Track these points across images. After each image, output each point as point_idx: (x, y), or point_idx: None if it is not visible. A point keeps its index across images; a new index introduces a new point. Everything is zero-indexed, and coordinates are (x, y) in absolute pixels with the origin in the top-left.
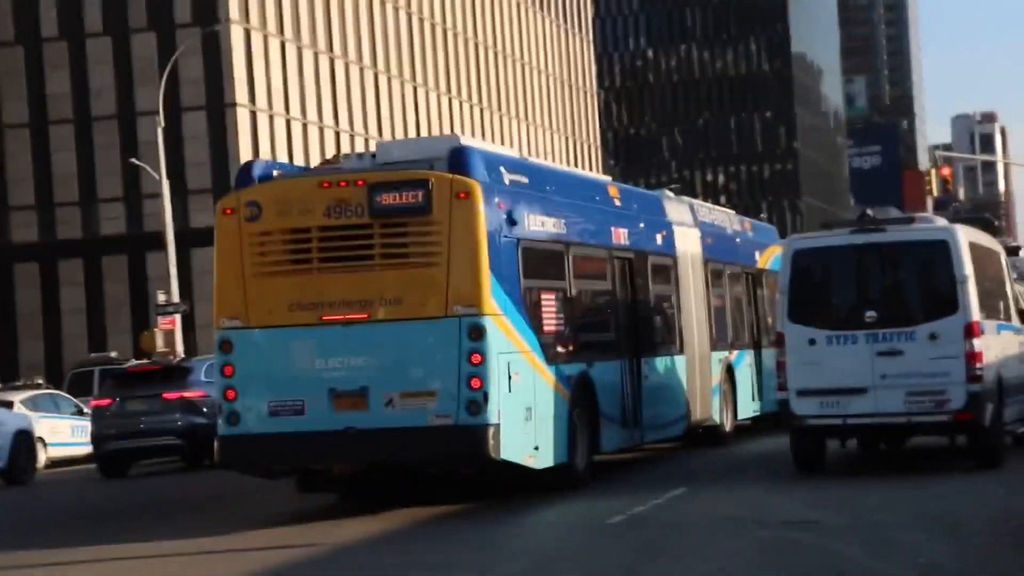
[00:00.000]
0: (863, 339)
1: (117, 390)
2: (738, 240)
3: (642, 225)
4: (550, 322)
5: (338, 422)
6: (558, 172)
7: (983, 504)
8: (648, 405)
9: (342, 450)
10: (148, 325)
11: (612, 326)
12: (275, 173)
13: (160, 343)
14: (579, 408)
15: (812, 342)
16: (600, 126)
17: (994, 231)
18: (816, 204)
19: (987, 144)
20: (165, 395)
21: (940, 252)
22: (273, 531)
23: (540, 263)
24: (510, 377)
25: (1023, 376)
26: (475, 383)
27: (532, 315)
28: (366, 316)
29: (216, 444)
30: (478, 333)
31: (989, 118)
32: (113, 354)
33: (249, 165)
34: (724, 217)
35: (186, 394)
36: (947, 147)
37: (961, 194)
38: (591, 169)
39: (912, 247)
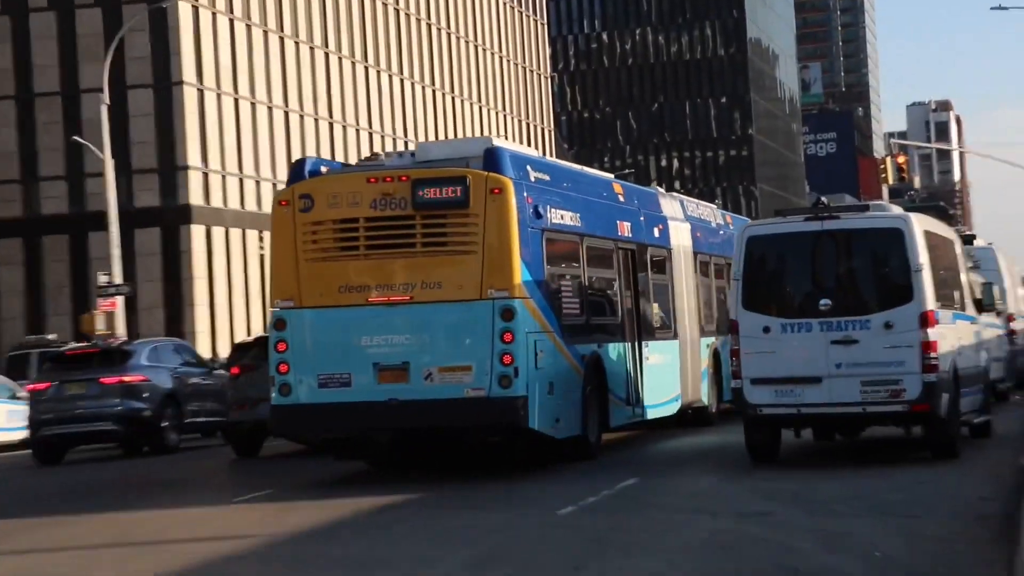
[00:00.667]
0: (817, 327)
1: (54, 374)
2: (721, 233)
3: (642, 219)
4: (568, 305)
5: (382, 393)
6: (572, 170)
7: (939, 496)
8: (648, 385)
9: (385, 418)
10: (89, 307)
11: (618, 311)
12: (323, 169)
13: (101, 325)
14: (591, 385)
15: (766, 330)
16: (554, 109)
17: (949, 219)
18: (771, 190)
19: (942, 132)
20: (103, 379)
21: (895, 240)
22: (216, 517)
23: (560, 252)
24: (536, 354)
25: (979, 366)
26: (506, 359)
27: (553, 299)
28: (408, 298)
29: (270, 413)
30: (510, 314)
31: (944, 106)
32: (52, 336)
33: (301, 162)
34: (709, 212)
35: (126, 378)
36: (902, 135)
37: (916, 182)
38: (545, 152)
39: (867, 235)
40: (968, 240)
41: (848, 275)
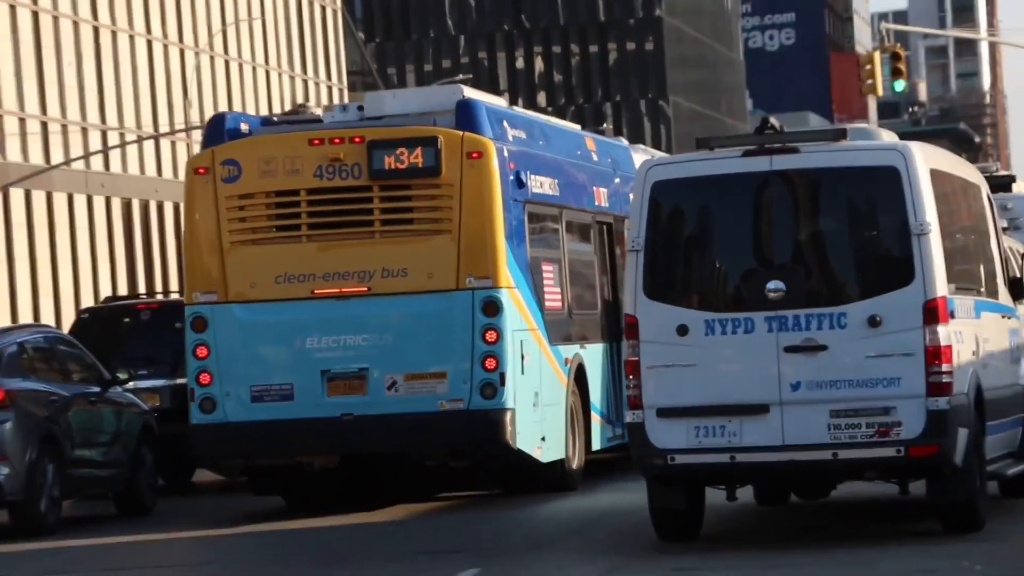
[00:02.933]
0: (763, 326)
1: None
2: None
3: (617, 181)
4: (551, 297)
5: (333, 408)
6: (545, 124)
7: None
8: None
9: (337, 439)
10: None
11: (597, 303)
12: (243, 126)
13: None
14: (574, 396)
15: (682, 331)
16: None
17: (973, 151)
18: (691, 107)
19: (964, 12)
20: None
21: (886, 186)
22: None
23: (541, 229)
24: (523, 357)
25: (1016, 385)
26: (490, 363)
27: (537, 289)
28: (365, 289)
29: (189, 434)
30: (494, 308)
31: None
32: None
33: (220, 118)
34: None
35: None
36: (900, 16)
37: (922, 92)
38: (328, 43)
39: (842, 178)
40: (1003, 185)
41: (811, 242)
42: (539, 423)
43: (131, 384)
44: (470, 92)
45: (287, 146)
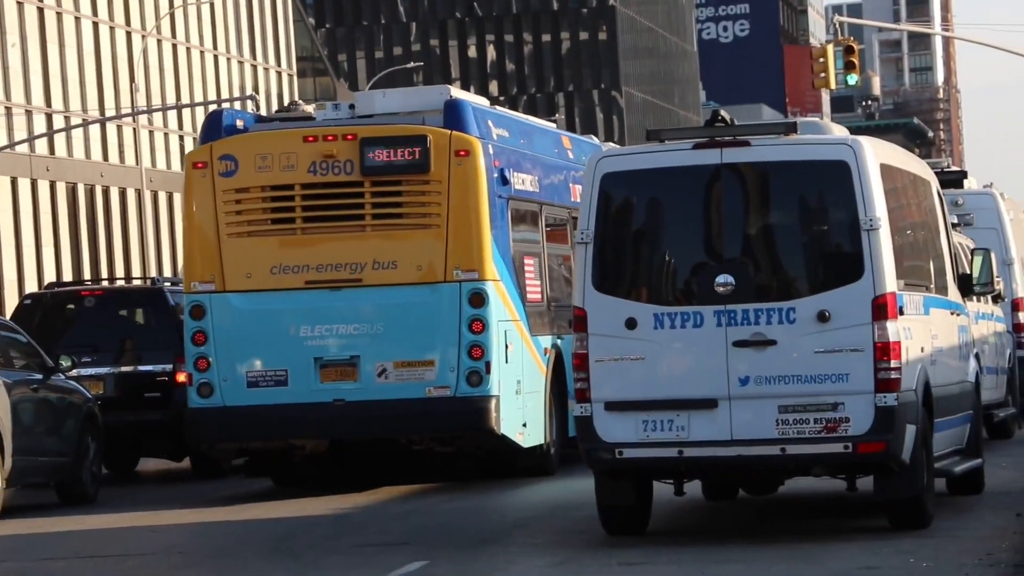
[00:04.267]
0: (712, 320)
1: None
2: None
3: None
4: (532, 289)
5: (325, 393)
6: (525, 123)
7: None
8: None
9: (330, 423)
10: None
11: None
12: (239, 123)
13: None
14: (552, 384)
15: (631, 324)
16: None
17: (926, 147)
18: (643, 98)
19: (918, 6)
20: None
21: (836, 180)
22: None
23: (523, 224)
24: (506, 347)
25: (964, 382)
26: (476, 352)
27: (519, 281)
28: (357, 280)
29: (185, 418)
30: (480, 299)
31: None
32: None
33: (218, 115)
34: None
35: None
36: (855, 9)
37: (876, 86)
38: (279, 31)
39: (792, 171)
40: (954, 181)
41: (761, 236)
42: (521, 410)
43: (74, 372)
44: (457, 92)
45: (282, 142)
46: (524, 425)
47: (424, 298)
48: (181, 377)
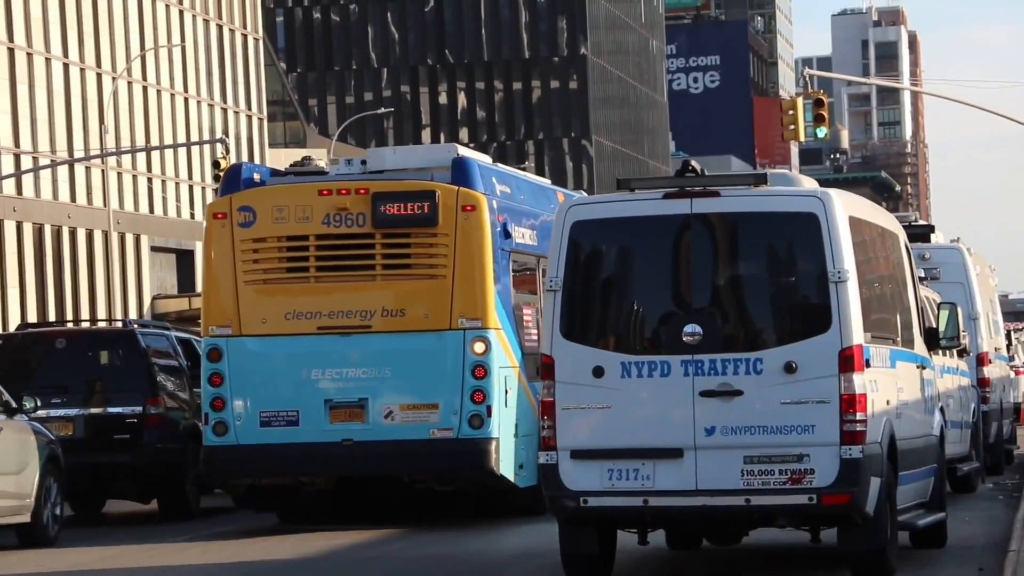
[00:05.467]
0: (679, 370)
1: None
2: None
3: None
4: (529, 338)
5: (335, 433)
6: (523, 180)
7: None
8: None
9: (338, 462)
10: None
11: None
12: (256, 176)
13: None
14: None
15: (598, 372)
16: (264, 6)
17: (893, 200)
18: (614, 147)
19: (887, 61)
20: None
21: (805, 232)
22: None
23: (522, 276)
24: (506, 392)
25: (929, 435)
26: (478, 396)
27: (518, 330)
28: (367, 327)
29: (201, 455)
30: (483, 346)
31: (892, 18)
32: None
33: (238, 168)
34: None
35: None
36: (824, 63)
37: (845, 139)
38: (249, 75)
39: (762, 222)
40: (921, 234)
41: (729, 287)
42: (518, 452)
43: (43, 412)
44: (464, 151)
45: (298, 195)
46: (520, 467)
47: (430, 344)
48: (153, 413)
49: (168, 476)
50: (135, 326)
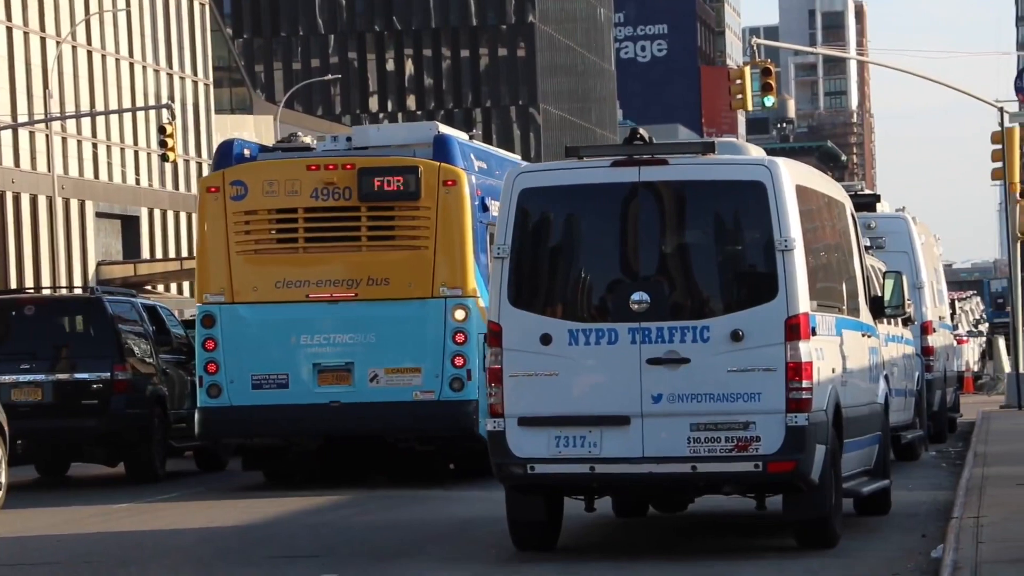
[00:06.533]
0: (627, 337)
1: None
2: None
3: None
4: None
5: (323, 396)
6: (497, 155)
7: None
8: None
9: (326, 422)
10: None
11: None
12: (246, 152)
13: None
14: None
15: (545, 340)
16: None
17: (839, 170)
18: (561, 115)
19: (834, 31)
20: None
21: (752, 201)
22: None
23: None
24: (485, 356)
25: (874, 403)
26: (459, 361)
27: None
28: (353, 295)
29: (196, 416)
30: (463, 314)
31: None
32: None
33: (229, 144)
34: None
35: None
36: (771, 32)
37: (791, 109)
38: (195, 43)
39: (709, 190)
40: (867, 204)
41: (676, 255)
42: None
43: (11, 378)
44: (444, 128)
45: (288, 170)
46: None
47: (413, 312)
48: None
49: (135, 440)
50: (102, 293)
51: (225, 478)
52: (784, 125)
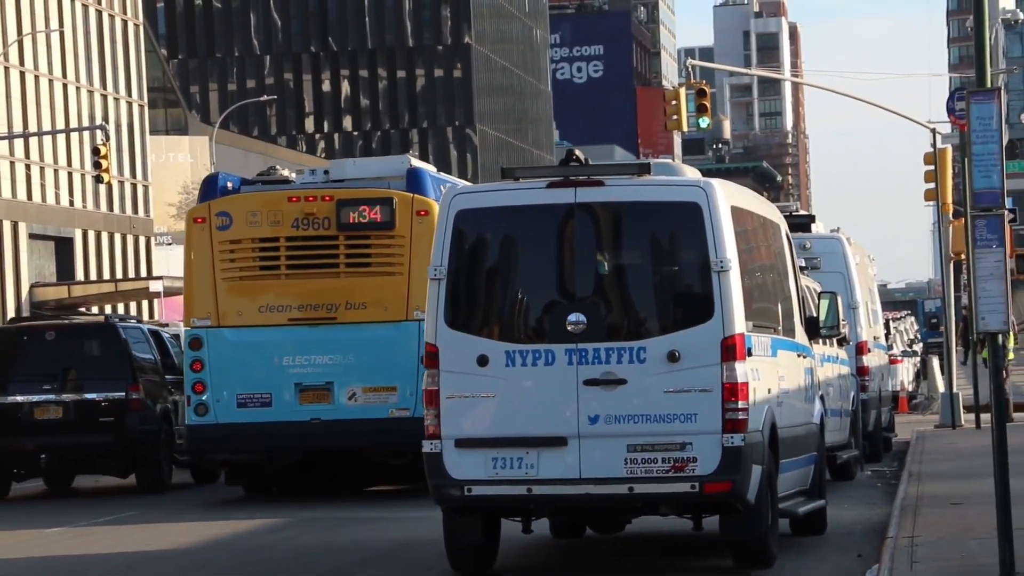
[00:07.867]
0: (563, 358)
1: None
2: None
3: None
4: None
5: (304, 413)
6: (462, 185)
7: None
8: None
9: (307, 439)
10: None
11: None
12: (229, 184)
13: None
14: None
15: (482, 361)
16: None
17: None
18: (497, 136)
19: (768, 52)
20: None
21: (688, 222)
22: None
23: None
24: None
25: (810, 423)
26: None
27: None
28: (332, 318)
29: (185, 433)
30: None
31: (772, 9)
32: None
33: (214, 178)
34: None
35: None
36: (706, 53)
37: (727, 130)
38: (130, 62)
39: (645, 212)
40: (802, 224)
41: (613, 276)
42: None
43: (35, 398)
44: (416, 162)
45: (270, 201)
46: None
47: (389, 334)
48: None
49: (146, 454)
50: (115, 320)
51: (201, 492)
52: (720, 146)
